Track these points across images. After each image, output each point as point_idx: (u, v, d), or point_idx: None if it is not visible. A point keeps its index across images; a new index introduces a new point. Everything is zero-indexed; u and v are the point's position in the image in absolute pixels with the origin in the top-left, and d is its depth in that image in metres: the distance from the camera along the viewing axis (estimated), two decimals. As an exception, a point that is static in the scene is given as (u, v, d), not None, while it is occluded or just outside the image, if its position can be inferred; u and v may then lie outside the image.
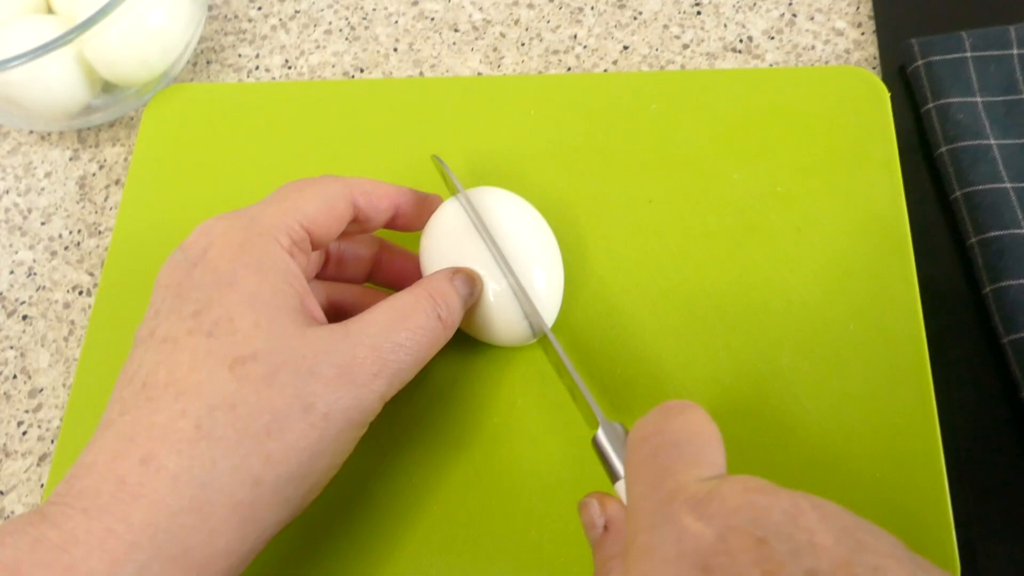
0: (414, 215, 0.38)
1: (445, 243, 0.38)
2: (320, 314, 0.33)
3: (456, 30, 0.52)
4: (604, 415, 0.32)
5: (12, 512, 0.41)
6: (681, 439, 0.27)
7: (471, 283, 0.36)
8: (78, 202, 0.49)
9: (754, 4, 0.50)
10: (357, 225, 0.37)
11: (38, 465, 0.42)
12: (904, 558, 0.23)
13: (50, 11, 0.49)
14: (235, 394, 0.29)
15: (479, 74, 0.50)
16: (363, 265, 0.40)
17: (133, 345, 0.32)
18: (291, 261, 0.33)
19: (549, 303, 0.38)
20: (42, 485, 0.42)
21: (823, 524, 0.23)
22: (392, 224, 0.38)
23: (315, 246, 0.35)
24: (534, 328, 0.38)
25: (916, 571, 0.22)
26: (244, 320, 0.30)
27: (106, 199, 0.49)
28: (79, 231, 0.48)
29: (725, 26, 0.49)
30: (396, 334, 0.32)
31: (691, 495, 0.25)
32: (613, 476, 0.30)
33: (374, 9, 0.53)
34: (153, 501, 0.27)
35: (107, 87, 0.49)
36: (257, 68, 0.52)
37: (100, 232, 0.48)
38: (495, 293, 0.37)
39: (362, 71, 0.51)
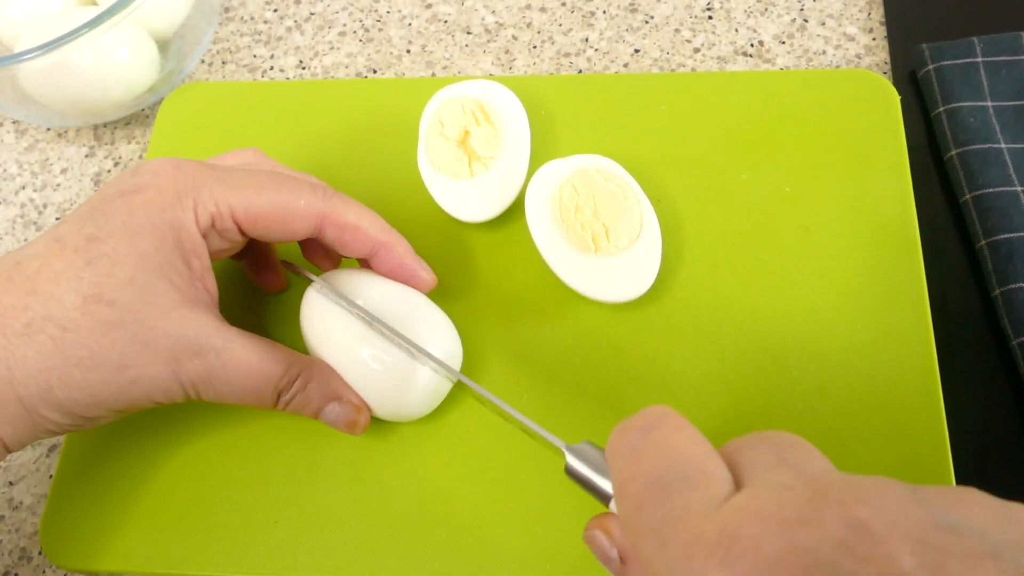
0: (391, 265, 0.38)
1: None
2: (206, 297, 0.34)
3: (469, 32, 0.52)
4: (564, 440, 0.30)
5: (21, 502, 0.42)
6: (670, 468, 0.23)
7: (348, 419, 0.36)
8: (93, 198, 0.49)
9: (765, 9, 0.50)
10: (319, 248, 0.39)
11: (47, 456, 0.43)
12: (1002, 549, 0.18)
13: (94, 3, 0.50)
14: (74, 321, 0.31)
15: (491, 75, 0.50)
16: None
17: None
18: (199, 240, 0.34)
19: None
20: (51, 476, 0.42)
21: (898, 540, 0.18)
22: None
23: (245, 236, 0.36)
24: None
25: None
26: (123, 271, 0.32)
27: (120, 195, 0.49)
28: (93, 226, 0.49)
29: (736, 30, 0.50)
30: (240, 379, 0.34)
31: (708, 541, 0.21)
32: (603, 499, 0.27)
33: (388, 11, 0.54)
34: None
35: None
36: (272, 68, 0.53)
37: (114, 227, 0.48)
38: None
39: (375, 72, 0.51)
